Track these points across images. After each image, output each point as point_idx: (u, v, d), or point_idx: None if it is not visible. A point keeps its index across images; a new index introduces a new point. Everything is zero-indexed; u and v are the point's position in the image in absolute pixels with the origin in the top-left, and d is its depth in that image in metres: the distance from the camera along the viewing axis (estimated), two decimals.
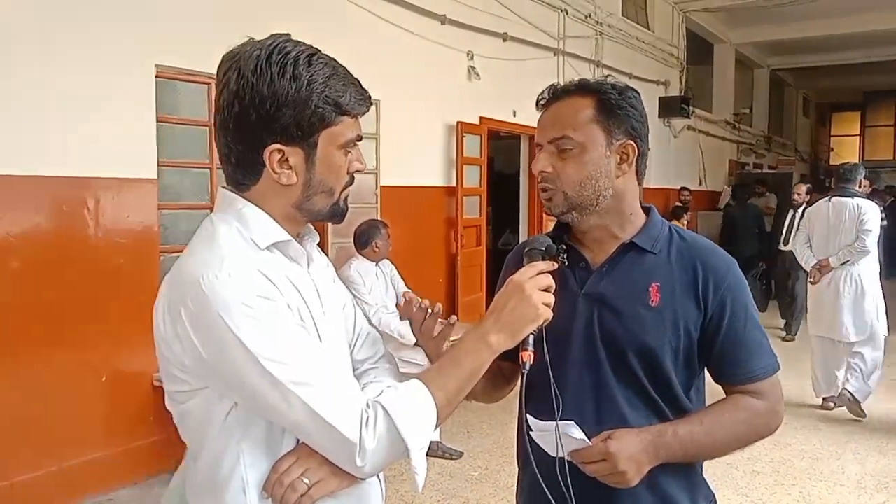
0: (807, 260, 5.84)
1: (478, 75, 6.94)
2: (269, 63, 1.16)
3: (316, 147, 1.20)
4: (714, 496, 1.56)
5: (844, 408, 5.58)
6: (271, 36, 1.20)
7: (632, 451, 1.32)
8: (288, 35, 1.21)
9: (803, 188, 8.19)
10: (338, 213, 1.29)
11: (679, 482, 1.45)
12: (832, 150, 24.12)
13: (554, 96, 1.47)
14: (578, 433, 1.31)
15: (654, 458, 1.35)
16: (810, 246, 5.83)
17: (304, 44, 1.20)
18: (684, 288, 1.43)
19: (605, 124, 1.41)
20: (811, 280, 5.78)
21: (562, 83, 1.49)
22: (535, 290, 1.28)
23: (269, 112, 1.16)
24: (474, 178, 7.10)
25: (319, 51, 1.21)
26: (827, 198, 5.84)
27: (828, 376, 5.73)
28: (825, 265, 5.62)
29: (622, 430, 1.35)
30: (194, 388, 1.18)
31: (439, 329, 1.46)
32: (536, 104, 1.49)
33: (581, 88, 1.44)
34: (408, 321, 5.16)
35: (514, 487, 1.66)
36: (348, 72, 1.23)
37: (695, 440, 1.39)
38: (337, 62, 1.23)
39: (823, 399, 5.77)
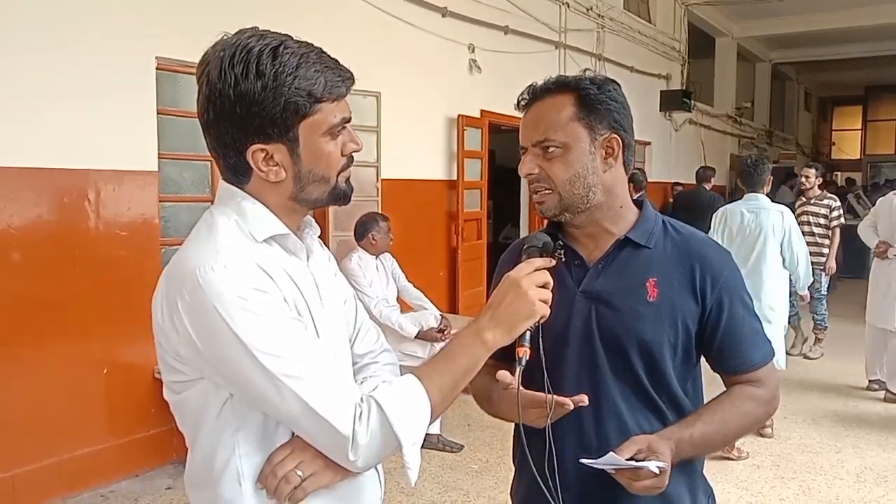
0: (869, 239, 5.99)
1: (479, 68, 6.93)
2: (231, 65, 1.12)
3: (298, 140, 1.18)
4: (712, 491, 1.56)
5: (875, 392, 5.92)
6: (237, 33, 1.17)
7: (670, 462, 1.32)
8: (254, 29, 1.18)
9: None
10: (340, 197, 1.26)
11: (679, 479, 1.44)
12: (833, 144, 24.10)
13: (534, 96, 1.45)
14: (650, 464, 1.28)
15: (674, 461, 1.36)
16: (876, 230, 5.95)
17: (270, 35, 1.16)
18: (681, 282, 1.43)
19: (587, 121, 1.40)
20: (877, 253, 5.87)
21: (544, 81, 1.46)
22: (531, 286, 1.28)
23: (241, 115, 1.14)
24: (475, 171, 7.10)
25: (288, 38, 1.17)
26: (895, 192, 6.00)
27: (874, 361, 6.01)
28: (886, 249, 5.77)
29: (657, 442, 1.32)
30: (190, 378, 1.18)
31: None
32: (517, 105, 1.48)
33: (560, 86, 1.43)
34: (408, 314, 5.11)
35: (511, 481, 1.66)
36: (322, 54, 1.18)
37: (706, 440, 1.41)
38: (309, 47, 1.18)
39: (869, 381, 6.05)
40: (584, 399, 1.32)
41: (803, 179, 7.11)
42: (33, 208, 3.81)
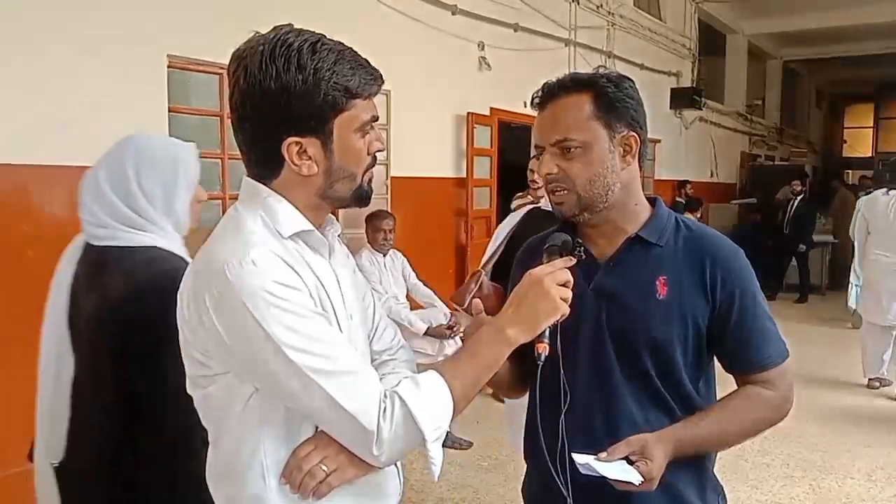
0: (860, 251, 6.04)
1: (489, 66, 6.92)
2: (272, 58, 1.15)
3: (332, 134, 1.20)
4: (723, 489, 1.56)
5: (887, 389, 5.94)
6: (274, 28, 1.20)
7: (662, 465, 1.32)
8: (290, 25, 1.21)
9: None
10: (362, 197, 1.29)
11: (688, 477, 1.45)
12: (845, 142, 23.94)
13: (549, 95, 1.43)
14: (634, 476, 1.30)
15: (670, 459, 1.36)
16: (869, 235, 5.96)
17: (307, 32, 1.20)
18: (692, 280, 1.42)
19: (606, 119, 1.39)
20: None
21: (559, 79, 1.44)
22: (553, 284, 1.28)
23: (281, 107, 1.16)
24: (484, 169, 7.09)
25: (324, 36, 1.20)
26: (884, 190, 5.93)
27: (875, 359, 6.01)
28: None
29: (651, 446, 1.32)
30: (216, 372, 1.19)
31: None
32: (531, 103, 1.47)
33: (577, 84, 1.41)
34: (418, 311, 5.11)
35: (523, 478, 1.66)
36: (355, 53, 1.22)
37: (709, 440, 1.42)
38: (343, 45, 1.21)
39: (869, 379, 6.07)
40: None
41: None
42: (46, 206, 3.82)
